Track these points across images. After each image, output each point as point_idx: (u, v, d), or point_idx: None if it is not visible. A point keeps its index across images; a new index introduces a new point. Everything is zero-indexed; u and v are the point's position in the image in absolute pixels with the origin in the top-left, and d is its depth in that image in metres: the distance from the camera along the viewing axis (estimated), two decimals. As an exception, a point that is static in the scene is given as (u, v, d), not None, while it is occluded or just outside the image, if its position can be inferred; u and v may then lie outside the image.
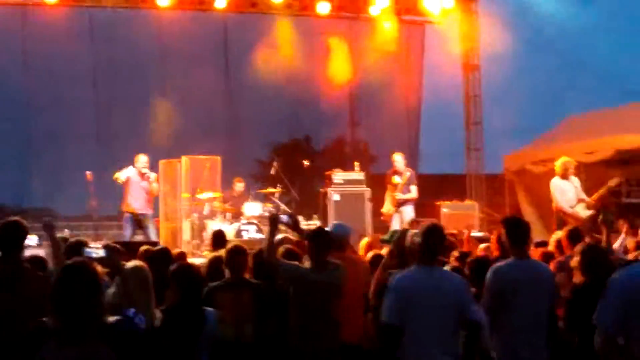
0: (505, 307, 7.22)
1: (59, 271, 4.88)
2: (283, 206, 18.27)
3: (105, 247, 7.66)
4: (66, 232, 14.02)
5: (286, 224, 9.10)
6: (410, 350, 6.62)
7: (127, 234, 16.13)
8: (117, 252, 7.68)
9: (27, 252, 8.28)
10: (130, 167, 16.33)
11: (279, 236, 9.36)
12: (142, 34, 21.61)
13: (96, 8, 20.99)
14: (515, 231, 7.52)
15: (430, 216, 18.38)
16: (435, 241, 6.88)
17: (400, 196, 17.18)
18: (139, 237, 16.10)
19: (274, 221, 8.49)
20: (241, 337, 7.83)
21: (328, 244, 8.14)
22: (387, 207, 17.43)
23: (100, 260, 7.51)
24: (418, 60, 24.30)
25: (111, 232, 18.79)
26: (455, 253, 9.74)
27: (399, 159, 17.56)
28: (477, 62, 22.77)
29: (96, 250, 7.49)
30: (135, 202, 16.27)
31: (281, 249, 8.72)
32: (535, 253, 9.71)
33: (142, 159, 16.36)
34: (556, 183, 15.16)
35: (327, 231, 8.50)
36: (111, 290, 7.28)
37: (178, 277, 7.22)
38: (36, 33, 20.73)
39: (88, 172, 16.28)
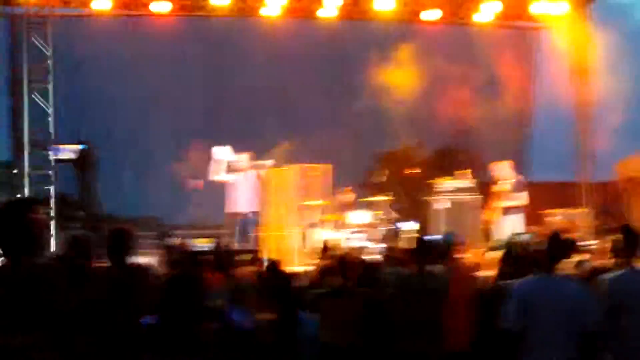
0: (620, 318, 7.05)
1: (166, 281, 4.96)
2: (393, 214, 18.20)
3: (213, 238, 7.90)
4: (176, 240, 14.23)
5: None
6: (529, 357, 6.58)
7: (234, 240, 16.22)
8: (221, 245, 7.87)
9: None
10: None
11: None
12: (256, 40, 21.80)
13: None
14: (631, 239, 7.35)
15: (541, 224, 18.15)
16: (558, 249, 6.81)
17: (506, 203, 16.98)
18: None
19: (398, 228, 8.83)
20: (348, 343, 7.85)
21: (431, 251, 8.11)
22: (489, 215, 17.28)
23: (207, 252, 7.75)
24: (529, 66, 23.98)
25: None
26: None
27: (500, 167, 17.39)
28: (589, 67, 22.33)
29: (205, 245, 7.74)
30: (239, 202, 16.43)
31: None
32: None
33: (241, 158, 16.52)
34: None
35: (430, 239, 8.49)
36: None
37: (275, 284, 7.31)
38: (149, 41, 21.05)
39: (197, 181, 16.49)
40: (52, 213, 17.67)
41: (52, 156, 17.33)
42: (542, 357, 6.56)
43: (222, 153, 16.53)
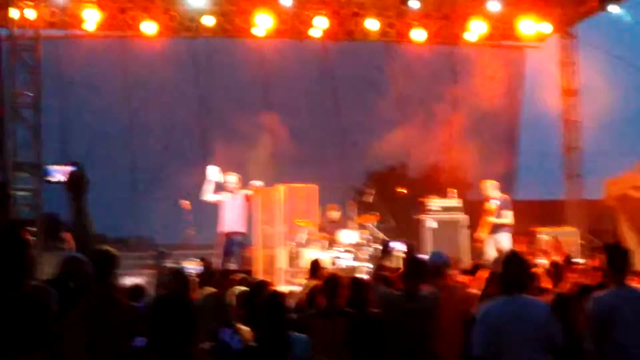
0: (609, 336, 7.09)
1: (154, 303, 4.95)
2: (380, 234, 18.19)
3: (202, 259, 7.90)
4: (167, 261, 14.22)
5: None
6: None
7: (220, 261, 16.33)
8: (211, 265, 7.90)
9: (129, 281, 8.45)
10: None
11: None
12: (243, 60, 21.85)
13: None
14: (616, 258, 7.38)
15: (529, 243, 18.19)
16: (514, 270, 6.80)
17: (492, 220, 17.04)
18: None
19: (386, 248, 8.82)
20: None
21: (421, 271, 8.12)
22: (479, 233, 17.33)
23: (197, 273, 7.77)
24: (518, 85, 24.06)
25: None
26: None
27: (486, 187, 17.45)
28: (576, 86, 22.44)
29: (194, 267, 7.74)
30: (226, 223, 16.54)
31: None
32: (635, 282, 9.43)
33: (229, 179, 16.63)
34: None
35: (420, 259, 8.49)
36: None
37: (266, 304, 7.26)
38: (137, 62, 21.08)
39: (185, 201, 16.53)
40: (39, 235, 17.58)
41: (43, 178, 17.33)
42: None
43: (212, 173, 16.63)
